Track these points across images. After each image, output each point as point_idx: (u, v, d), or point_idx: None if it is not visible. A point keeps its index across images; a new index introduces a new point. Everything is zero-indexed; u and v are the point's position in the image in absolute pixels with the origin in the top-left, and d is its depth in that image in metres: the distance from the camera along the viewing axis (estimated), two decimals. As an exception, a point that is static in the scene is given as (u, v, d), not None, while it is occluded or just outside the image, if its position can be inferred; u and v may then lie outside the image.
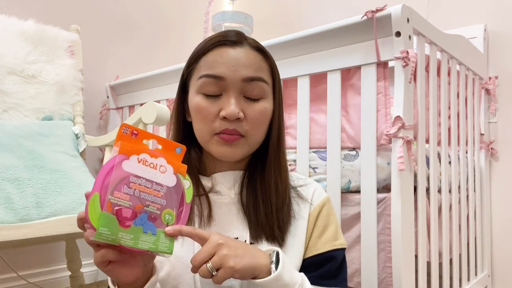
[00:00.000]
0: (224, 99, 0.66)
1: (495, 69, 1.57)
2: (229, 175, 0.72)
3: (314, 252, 0.71)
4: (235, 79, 0.66)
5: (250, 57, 0.67)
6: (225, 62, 0.66)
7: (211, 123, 0.67)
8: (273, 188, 0.69)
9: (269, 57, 0.71)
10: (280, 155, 0.72)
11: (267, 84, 0.69)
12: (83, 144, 1.40)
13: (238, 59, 0.66)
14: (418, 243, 1.03)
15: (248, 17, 2.12)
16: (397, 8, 0.95)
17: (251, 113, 0.67)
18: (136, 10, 2.09)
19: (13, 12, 1.47)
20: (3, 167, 1.08)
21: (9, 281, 1.57)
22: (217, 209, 0.70)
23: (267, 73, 0.70)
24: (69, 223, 1.08)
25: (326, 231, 0.72)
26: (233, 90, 0.66)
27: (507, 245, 1.52)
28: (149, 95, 1.70)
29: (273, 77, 0.72)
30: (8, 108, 1.32)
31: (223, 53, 0.67)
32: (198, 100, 0.68)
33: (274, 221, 0.67)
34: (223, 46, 0.67)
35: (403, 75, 0.97)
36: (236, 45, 0.68)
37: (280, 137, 0.72)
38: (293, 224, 0.70)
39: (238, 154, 0.68)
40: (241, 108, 0.66)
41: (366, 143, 1.02)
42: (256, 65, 0.67)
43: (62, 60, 1.50)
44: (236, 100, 0.66)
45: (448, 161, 1.23)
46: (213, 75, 0.66)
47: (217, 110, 0.66)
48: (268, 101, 0.69)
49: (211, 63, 0.67)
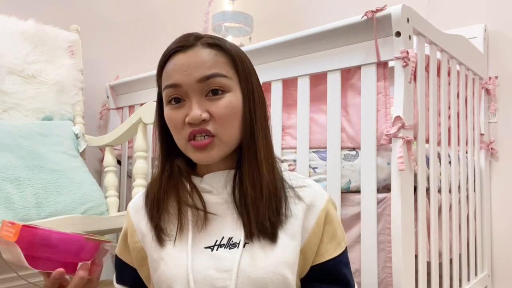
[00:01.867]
0: (187, 104, 0.67)
1: (495, 69, 1.57)
2: (220, 175, 0.71)
3: (326, 257, 0.71)
4: (191, 82, 0.66)
5: (202, 56, 0.67)
6: (178, 69, 0.66)
7: (181, 130, 0.67)
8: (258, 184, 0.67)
9: (226, 49, 0.69)
10: (256, 148, 0.69)
11: (227, 77, 0.67)
12: (83, 144, 1.40)
13: (189, 63, 0.66)
14: (418, 243, 1.03)
15: (248, 17, 2.12)
16: (397, 8, 0.95)
17: (215, 111, 0.66)
18: (136, 10, 2.09)
19: (13, 12, 1.47)
20: (3, 167, 1.08)
21: (9, 281, 1.57)
22: (211, 209, 0.69)
23: (225, 66, 0.68)
24: (69, 223, 1.08)
25: (336, 235, 0.72)
26: (192, 94, 0.66)
27: (507, 245, 1.52)
28: (149, 95, 1.70)
29: (236, 68, 0.69)
30: (8, 108, 1.32)
31: (176, 61, 0.67)
32: (167, 111, 0.69)
33: (266, 219, 0.66)
34: (176, 54, 0.68)
35: (403, 75, 0.97)
36: (187, 49, 0.68)
37: (253, 129, 0.69)
38: (289, 223, 0.68)
39: (214, 156, 0.67)
40: (205, 108, 0.66)
41: (366, 143, 1.02)
42: (208, 63, 0.66)
43: (62, 60, 1.50)
44: (197, 103, 0.65)
45: (448, 161, 1.23)
46: (171, 84, 0.67)
47: (183, 117, 0.66)
48: (234, 94, 0.67)
49: (168, 74, 0.68)
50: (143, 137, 1.29)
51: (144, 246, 0.72)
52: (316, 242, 0.70)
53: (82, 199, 1.17)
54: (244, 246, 0.66)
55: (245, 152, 0.69)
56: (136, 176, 1.27)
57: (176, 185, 0.71)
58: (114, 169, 1.38)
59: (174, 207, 0.70)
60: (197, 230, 0.68)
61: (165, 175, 0.72)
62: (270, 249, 0.65)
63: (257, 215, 0.66)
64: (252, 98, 0.70)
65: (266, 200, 0.67)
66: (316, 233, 0.70)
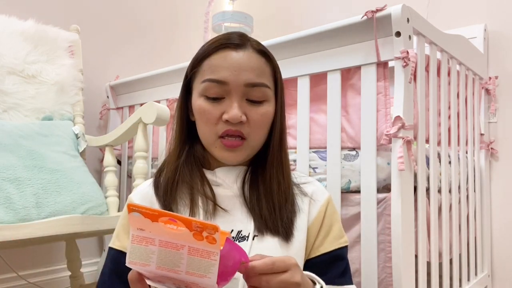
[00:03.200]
0: (227, 102, 0.67)
1: (495, 69, 1.57)
2: (232, 170, 0.73)
3: (322, 251, 0.72)
4: (238, 83, 0.66)
5: (253, 61, 0.68)
6: (228, 66, 0.66)
7: (214, 125, 0.68)
8: (275, 187, 0.70)
9: (271, 60, 0.72)
10: (282, 155, 0.73)
11: (269, 89, 0.70)
12: (83, 144, 1.40)
13: (241, 63, 0.67)
14: (418, 243, 1.03)
15: (248, 17, 2.12)
16: (397, 8, 0.95)
17: (253, 116, 0.68)
18: (136, 10, 2.09)
19: (13, 12, 1.47)
20: (3, 167, 1.08)
21: (9, 281, 1.57)
22: (221, 201, 0.70)
23: (269, 77, 0.70)
24: (69, 223, 1.08)
25: (331, 230, 0.73)
26: (236, 94, 0.67)
27: (507, 245, 1.52)
28: (149, 95, 1.70)
29: (275, 80, 0.72)
30: (8, 108, 1.32)
31: (226, 57, 0.67)
32: (201, 103, 0.68)
33: (277, 218, 0.68)
34: (226, 49, 0.68)
35: (403, 75, 0.97)
36: (239, 48, 0.68)
37: (282, 137, 0.73)
38: (298, 218, 0.71)
39: (239, 158, 0.70)
40: (243, 111, 0.67)
41: (366, 143, 1.02)
42: (258, 70, 0.68)
43: (62, 60, 1.50)
44: (238, 104, 0.67)
45: (448, 161, 1.23)
46: (216, 79, 0.67)
47: (220, 113, 0.67)
48: (271, 104, 0.70)
49: (214, 67, 0.67)
50: (143, 137, 1.29)
51: None
52: (315, 232, 0.72)
53: (82, 199, 1.17)
54: (253, 239, 0.66)
55: (273, 157, 0.72)
56: (136, 176, 1.27)
57: (191, 173, 0.72)
58: (114, 169, 1.38)
59: (185, 194, 0.71)
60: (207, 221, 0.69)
61: (182, 160, 0.72)
62: (279, 243, 0.67)
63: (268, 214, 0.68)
64: (283, 109, 0.74)
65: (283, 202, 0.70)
66: (315, 224, 0.72)
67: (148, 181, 0.77)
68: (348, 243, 0.75)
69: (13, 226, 0.98)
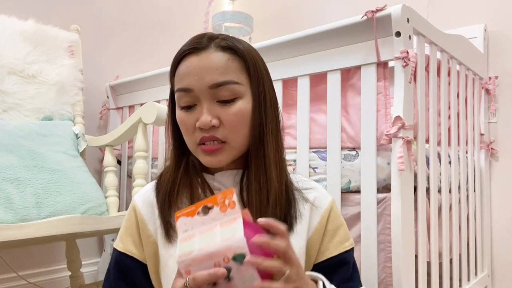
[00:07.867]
0: (199, 109, 0.67)
1: (495, 69, 1.57)
2: (229, 173, 0.73)
3: (327, 255, 0.71)
4: (203, 87, 0.65)
5: (214, 60, 0.66)
6: (190, 73, 0.66)
7: (192, 134, 0.68)
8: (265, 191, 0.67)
9: (239, 53, 0.67)
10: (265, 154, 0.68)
11: (239, 84, 0.66)
12: (83, 144, 1.40)
13: (201, 66, 0.65)
14: (418, 243, 1.03)
15: (248, 17, 2.12)
16: (397, 8, 0.95)
17: (226, 117, 0.66)
18: (136, 10, 2.09)
19: (13, 12, 1.47)
20: (3, 167, 1.08)
21: (9, 281, 1.57)
22: None
23: (237, 72, 0.67)
24: (69, 223, 1.08)
25: (336, 234, 0.73)
26: (204, 99, 0.66)
27: (507, 245, 1.52)
28: (149, 95, 1.70)
29: (248, 72, 0.68)
30: (8, 108, 1.32)
31: (188, 64, 0.67)
32: (179, 113, 0.69)
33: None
34: (189, 56, 0.67)
35: (403, 75, 0.97)
36: (200, 51, 0.66)
37: (263, 133, 0.68)
38: (298, 224, 0.70)
39: (223, 161, 0.68)
40: (215, 114, 0.66)
41: (366, 143, 1.02)
42: (222, 68, 0.66)
43: (62, 60, 1.50)
44: (208, 109, 0.65)
45: (448, 161, 1.23)
46: (182, 88, 0.67)
47: (195, 121, 0.67)
48: (245, 100, 0.67)
49: (181, 76, 0.67)
50: (143, 137, 1.29)
51: (156, 240, 0.72)
52: (318, 240, 0.71)
53: (82, 199, 1.17)
54: None
55: (252, 156, 0.68)
56: (136, 176, 1.27)
57: (191, 181, 0.71)
58: (114, 169, 1.38)
59: (185, 203, 0.70)
60: None
61: (181, 170, 0.72)
62: None
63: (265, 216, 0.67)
64: (263, 102, 0.69)
65: (272, 206, 0.67)
66: (318, 231, 0.72)
67: (150, 184, 0.77)
68: (354, 245, 0.75)
69: (13, 226, 0.98)
